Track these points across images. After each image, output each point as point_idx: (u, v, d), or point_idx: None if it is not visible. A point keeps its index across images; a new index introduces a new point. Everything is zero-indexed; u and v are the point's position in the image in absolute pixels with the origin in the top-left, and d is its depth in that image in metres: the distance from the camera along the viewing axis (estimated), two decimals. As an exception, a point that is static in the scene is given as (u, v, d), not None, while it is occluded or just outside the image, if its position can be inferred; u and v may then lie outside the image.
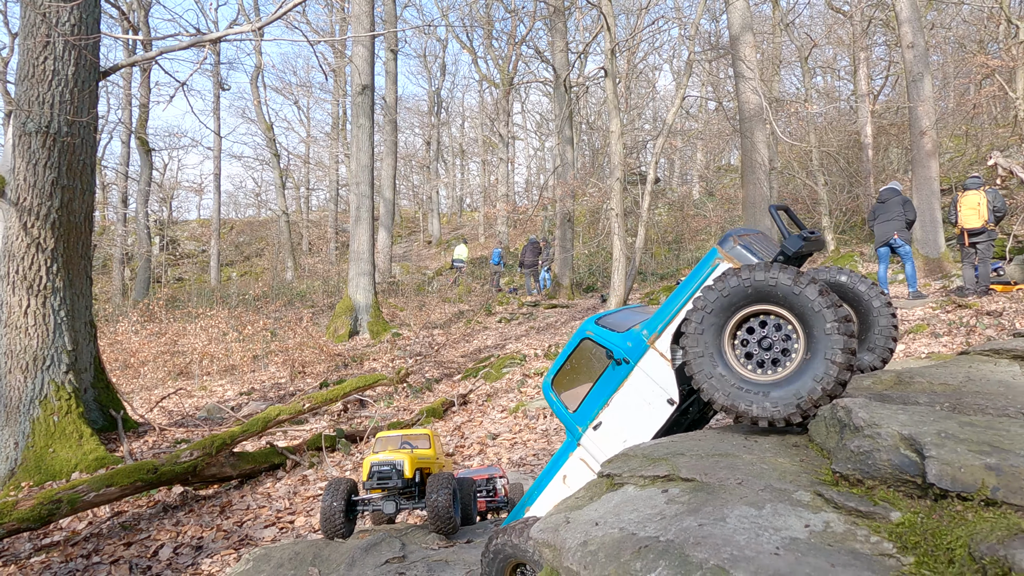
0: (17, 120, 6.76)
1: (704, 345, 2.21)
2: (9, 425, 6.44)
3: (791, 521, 1.56)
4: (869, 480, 1.66)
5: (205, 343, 13.51)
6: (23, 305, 6.69)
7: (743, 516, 1.61)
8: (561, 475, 2.76)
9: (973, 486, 1.46)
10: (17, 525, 4.56)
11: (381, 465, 4.18)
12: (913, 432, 1.64)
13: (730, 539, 1.51)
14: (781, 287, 2.08)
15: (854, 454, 1.71)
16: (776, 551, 1.44)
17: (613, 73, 14.14)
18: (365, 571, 3.23)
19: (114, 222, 28.05)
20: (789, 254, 2.39)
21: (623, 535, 1.71)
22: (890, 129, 21.41)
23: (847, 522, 1.54)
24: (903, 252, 10.19)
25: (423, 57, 37.69)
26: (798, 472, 1.83)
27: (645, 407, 2.50)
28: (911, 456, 1.60)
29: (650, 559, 1.55)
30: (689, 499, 1.79)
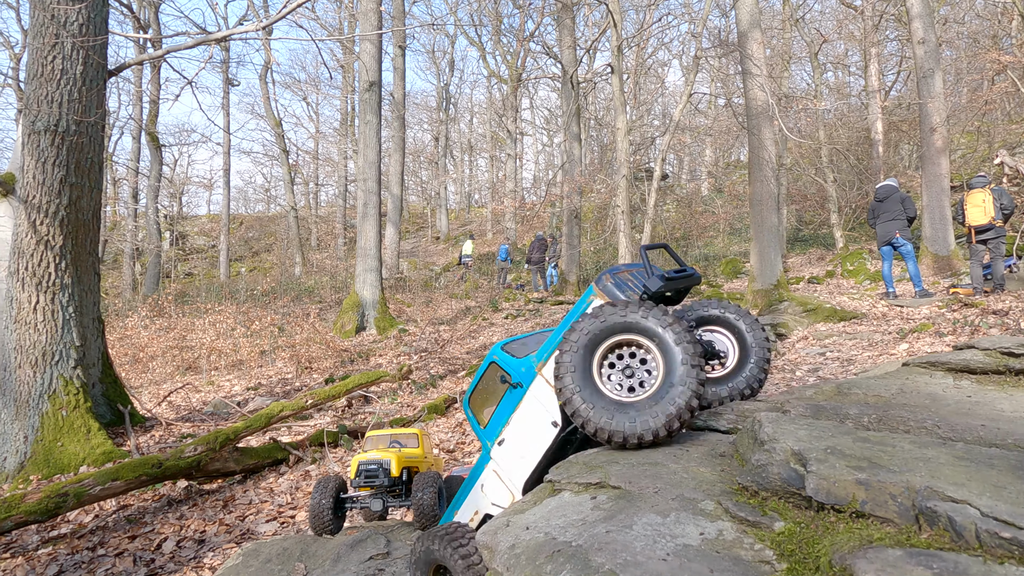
0: (27, 119, 6.85)
1: (572, 369, 2.39)
2: (19, 419, 6.54)
3: (689, 529, 1.68)
4: (763, 492, 1.77)
5: (213, 338, 13.63)
6: (32, 301, 6.79)
7: (648, 524, 1.72)
8: (479, 484, 3.03)
9: (845, 499, 1.58)
10: (25, 517, 4.65)
11: (368, 464, 4.30)
12: (803, 448, 1.75)
13: (629, 545, 1.63)
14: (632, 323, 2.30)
15: (754, 467, 1.83)
16: (665, 557, 1.55)
17: (620, 69, 14.11)
18: (349, 567, 3.29)
19: (125, 217, 28.31)
20: (649, 292, 2.56)
21: (546, 539, 1.83)
22: (901, 125, 21.23)
23: (738, 531, 1.64)
24: (905, 251, 10.16)
25: (431, 53, 37.73)
26: (714, 482, 1.93)
27: (536, 428, 2.70)
28: (799, 470, 1.71)
29: (559, 562, 1.67)
30: (611, 506, 1.90)
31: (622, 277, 2.66)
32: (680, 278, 2.62)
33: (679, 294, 2.76)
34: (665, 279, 2.56)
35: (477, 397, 3.05)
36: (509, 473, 2.82)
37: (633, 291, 2.61)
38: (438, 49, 38.16)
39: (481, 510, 3.03)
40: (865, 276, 14.04)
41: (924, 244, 13.12)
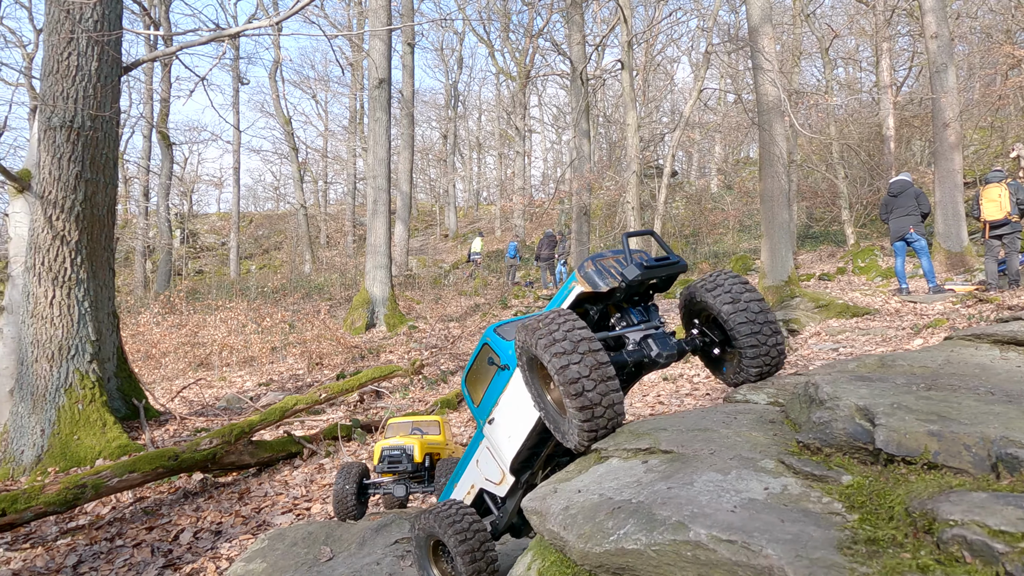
0: (42, 115, 6.90)
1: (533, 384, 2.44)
2: (36, 413, 6.61)
3: (752, 485, 1.69)
4: (827, 448, 1.77)
5: (225, 335, 13.71)
6: (48, 296, 6.85)
7: (709, 481, 1.74)
8: (475, 459, 3.10)
9: (917, 451, 1.58)
10: (44, 508, 4.70)
11: (391, 450, 4.32)
12: (868, 403, 1.75)
13: (693, 499, 1.66)
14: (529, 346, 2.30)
15: (816, 425, 1.83)
16: (733, 509, 1.57)
17: (630, 66, 14.08)
18: (375, 550, 3.31)
19: (136, 215, 28.50)
20: (627, 282, 2.48)
21: (601, 500, 1.86)
22: (913, 121, 21.07)
23: (803, 485, 1.66)
24: (918, 247, 10.08)
25: (440, 50, 37.76)
26: (769, 444, 1.95)
27: (520, 409, 2.72)
28: (864, 425, 1.72)
29: (621, 518, 1.70)
30: (665, 468, 1.92)
31: (605, 264, 2.58)
32: (661, 266, 2.54)
33: (665, 282, 2.67)
34: (644, 267, 2.49)
35: (473, 376, 3.07)
36: (500, 451, 2.89)
37: (614, 278, 2.53)
38: (447, 46, 38.22)
39: (477, 484, 3.12)
40: (877, 273, 13.95)
41: (937, 240, 13.03)
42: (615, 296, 2.60)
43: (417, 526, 2.91)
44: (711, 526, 1.50)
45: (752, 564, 1.38)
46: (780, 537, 1.42)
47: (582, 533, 1.77)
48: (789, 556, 1.35)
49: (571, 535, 1.80)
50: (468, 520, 2.74)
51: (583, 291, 2.56)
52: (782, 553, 1.36)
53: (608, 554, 1.66)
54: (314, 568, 3.27)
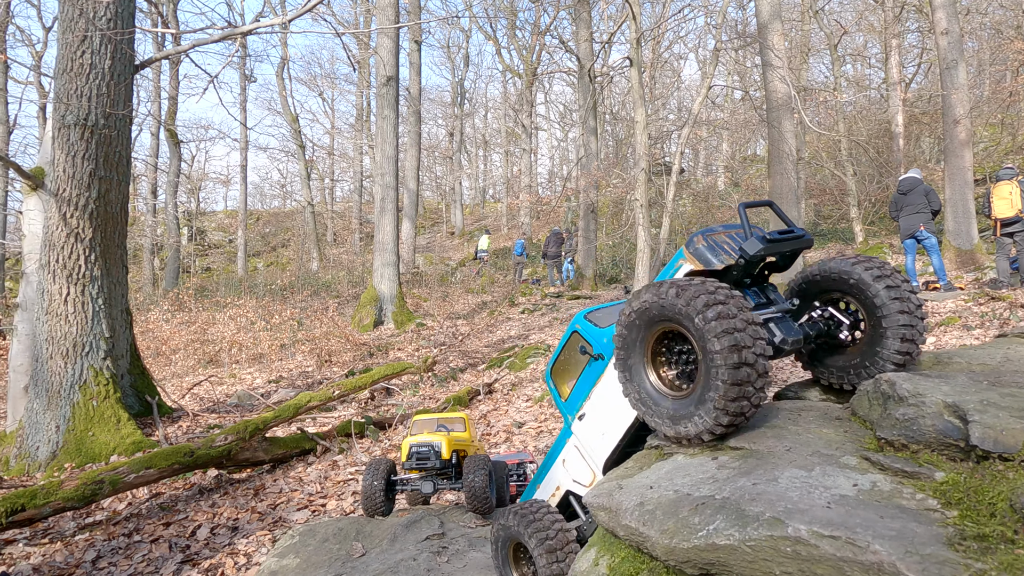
0: (57, 113, 6.94)
1: (628, 358, 2.21)
2: (51, 409, 6.66)
3: (840, 481, 1.67)
4: (914, 445, 1.75)
5: (234, 332, 13.76)
6: (63, 293, 6.90)
7: (793, 477, 1.71)
8: (561, 459, 2.89)
9: (1014, 447, 1.56)
10: (62, 504, 4.74)
11: (420, 446, 4.29)
12: (956, 400, 1.73)
13: (783, 495, 1.63)
14: (671, 305, 2.02)
15: (899, 421, 1.80)
16: (828, 505, 1.55)
17: (638, 62, 14.04)
18: (407, 546, 3.32)
19: (144, 213, 28.60)
20: (747, 257, 2.23)
21: (678, 496, 1.83)
22: (922, 118, 20.96)
23: (893, 482, 1.64)
24: (929, 244, 10.02)
25: (447, 48, 37.74)
26: (843, 441, 1.92)
27: (619, 403, 2.49)
28: (954, 422, 1.69)
29: (707, 514, 1.68)
30: (740, 464, 1.89)
31: (717, 239, 2.31)
32: (785, 240, 2.25)
33: (787, 259, 2.40)
34: (767, 240, 2.21)
35: (559, 368, 2.86)
36: (590, 450, 2.67)
37: (729, 255, 2.26)
38: (453, 44, 38.20)
39: (563, 486, 2.90)
40: (887, 270, 13.88)
41: (947, 238, 12.96)
42: (730, 275, 2.34)
43: (496, 526, 2.78)
44: (810, 522, 1.49)
45: (860, 560, 1.37)
46: (884, 533, 1.42)
47: (666, 529, 1.75)
48: (899, 552, 1.35)
49: (653, 531, 1.78)
50: (550, 519, 2.60)
51: (693, 270, 2.31)
52: (891, 549, 1.35)
53: (697, 550, 1.65)
54: (348, 564, 3.28)
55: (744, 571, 1.57)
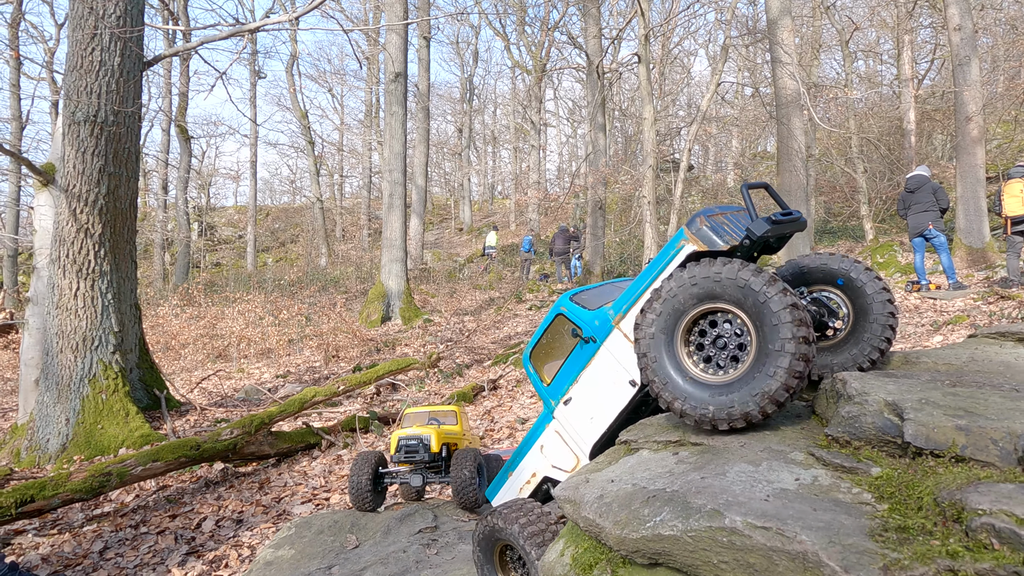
0: (67, 109, 7.01)
1: (655, 343, 2.17)
2: (61, 402, 6.74)
3: (783, 476, 1.76)
4: (856, 441, 1.85)
5: (242, 327, 13.87)
6: (73, 288, 6.98)
7: (741, 472, 1.81)
8: (539, 445, 2.86)
9: (944, 444, 1.65)
10: (71, 495, 4.81)
11: (408, 439, 4.28)
12: (897, 399, 1.82)
13: (727, 489, 1.73)
14: (728, 282, 2.01)
15: (844, 419, 1.90)
16: (766, 498, 1.64)
17: (647, 59, 14.01)
18: (400, 538, 3.36)
19: (155, 208, 28.82)
20: (754, 238, 2.26)
21: (635, 488, 1.92)
22: (934, 115, 20.76)
23: (833, 476, 1.73)
24: (937, 243, 9.96)
25: (456, 44, 37.72)
26: (797, 438, 2.01)
27: (610, 387, 2.50)
28: (893, 419, 1.78)
29: (656, 506, 1.78)
30: (696, 459, 1.98)
31: (717, 220, 2.33)
32: (787, 222, 2.30)
33: (779, 241, 2.45)
34: (773, 222, 2.24)
35: (540, 352, 2.80)
36: (575, 434, 2.64)
37: (732, 236, 2.29)
38: (462, 40, 38.18)
39: (540, 472, 2.87)
40: (896, 269, 13.80)
41: (958, 236, 12.86)
42: (733, 256, 2.35)
43: (480, 529, 2.62)
44: (746, 513, 1.57)
45: (787, 549, 1.45)
46: (813, 524, 1.49)
47: (618, 520, 1.83)
48: (823, 542, 1.42)
49: (607, 522, 1.86)
50: (544, 520, 2.47)
51: (696, 250, 2.30)
52: (816, 539, 1.43)
53: (644, 540, 1.73)
54: (341, 555, 3.32)
55: (687, 560, 1.65)
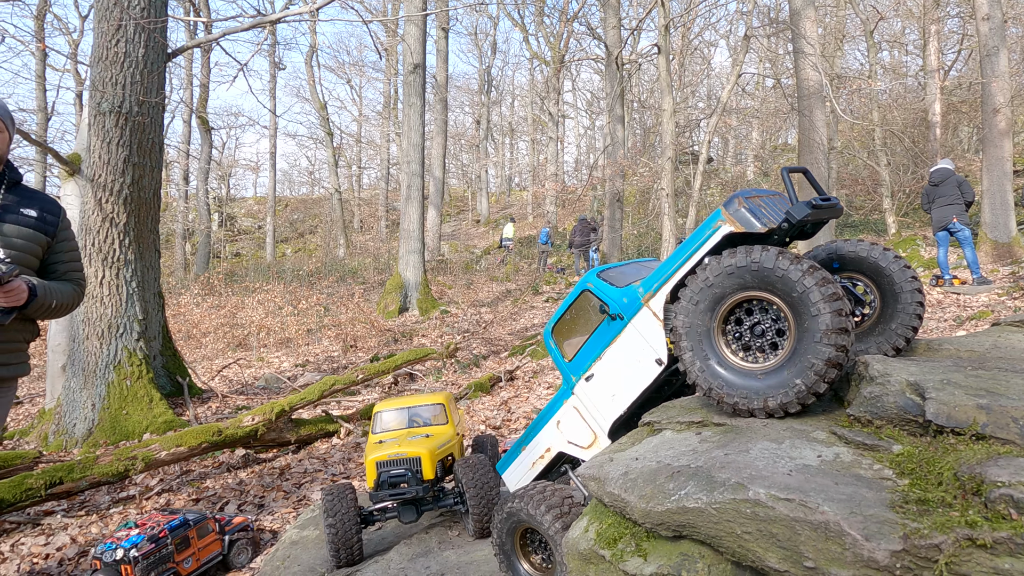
0: (92, 100, 7.12)
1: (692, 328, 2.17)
2: (87, 388, 6.89)
3: (806, 452, 1.81)
4: (878, 421, 1.89)
5: (262, 316, 14.03)
6: (99, 276, 7.11)
7: (764, 449, 1.86)
8: (555, 420, 2.85)
9: (965, 422, 1.68)
10: (98, 478, 4.92)
11: (390, 468, 3.34)
12: (919, 379, 1.86)
13: (751, 464, 1.78)
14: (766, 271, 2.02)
15: (866, 399, 1.94)
16: (789, 473, 1.69)
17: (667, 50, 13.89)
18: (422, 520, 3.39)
19: (176, 199, 29.17)
20: (793, 222, 2.25)
21: (659, 465, 1.98)
22: (960, 107, 20.37)
23: (855, 454, 1.77)
24: (962, 236, 9.80)
25: (474, 35, 37.67)
26: (820, 418, 2.05)
27: (635, 364, 2.51)
28: (914, 399, 1.82)
29: (681, 480, 1.83)
30: (719, 438, 2.03)
31: (755, 203, 2.30)
32: (825, 207, 2.27)
33: (815, 227, 2.43)
34: (813, 206, 2.22)
35: (563, 327, 2.79)
36: (595, 411, 2.64)
37: (770, 219, 2.28)
38: (480, 31, 38.10)
39: (554, 447, 2.85)
40: (919, 263, 13.60)
41: (983, 230, 12.64)
42: (770, 239, 2.35)
43: (501, 512, 2.61)
44: (769, 486, 1.62)
45: (809, 520, 1.49)
46: (835, 496, 1.53)
47: (643, 494, 1.88)
48: (844, 512, 1.47)
49: (633, 496, 1.92)
50: (567, 503, 2.45)
51: (732, 232, 2.28)
52: (838, 510, 1.48)
53: (669, 512, 1.79)
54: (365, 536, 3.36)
55: (710, 531, 1.70)
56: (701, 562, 1.77)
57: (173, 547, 3.65)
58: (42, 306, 2.72)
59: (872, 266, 2.43)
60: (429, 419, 3.81)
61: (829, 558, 1.44)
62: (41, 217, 2.81)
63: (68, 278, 2.95)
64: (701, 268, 2.19)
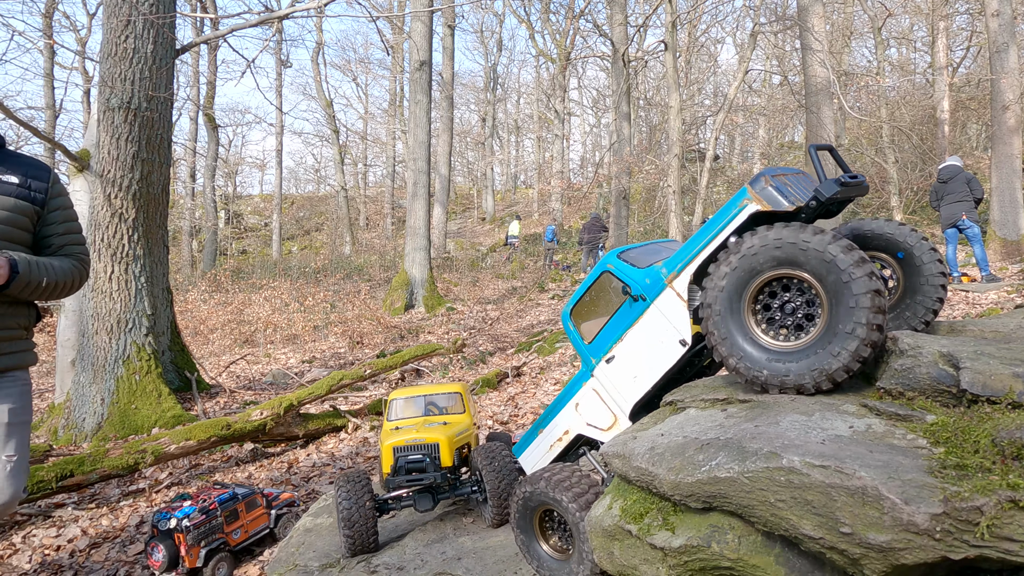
0: (102, 96, 7.15)
1: (722, 308, 2.17)
2: (96, 382, 6.93)
3: (837, 424, 1.80)
4: (909, 392, 1.89)
5: (269, 313, 14.08)
6: (108, 271, 7.15)
7: (794, 421, 1.86)
8: (574, 403, 2.85)
9: (1001, 391, 1.68)
10: (108, 471, 4.95)
11: (409, 453, 3.27)
12: (951, 350, 1.86)
13: (782, 435, 1.77)
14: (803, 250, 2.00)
15: (897, 372, 1.94)
16: (822, 442, 1.69)
17: (673, 46, 13.85)
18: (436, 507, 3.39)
19: (183, 196, 29.27)
20: (822, 199, 2.23)
21: (686, 440, 1.97)
22: (969, 103, 20.26)
23: (887, 424, 1.77)
24: (971, 234, 9.74)
25: (480, 32, 37.63)
26: (847, 393, 2.05)
27: (657, 346, 2.50)
28: (948, 369, 1.82)
29: (711, 452, 1.83)
30: (747, 413, 2.03)
31: (781, 181, 2.29)
32: (853, 185, 2.26)
33: (839, 206, 2.41)
34: (841, 184, 2.20)
35: (581, 310, 2.78)
36: (616, 393, 2.64)
37: (798, 197, 2.26)
38: (487, 28, 38.05)
39: (573, 430, 2.85)
40: (927, 260, 13.53)
41: (992, 228, 12.58)
42: (796, 218, 2.32)
43: (520, 493, 2.63)
44: (803, 454, 1.61)
45: (846, 485, 1.49)
46: (871, 463, 1.53)
47: (672, 466, 1.88)
48: (882, 478, 1.47)
49: (661, 469, 1.92)
50: (587, 482, 2.47)
51: (758, 210, 2.26)
52: (875, 475, 1.48)
53: (700, 483, 1.79)
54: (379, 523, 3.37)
55: (742, 501, 1.70)
56: (731, 533, 1.78)
57: (223, 519, 3.91)
58: (28, 284, 2.40)
59: (895, 244, 2.43)
60: (446, 407, 3.76)
61: (867, 523, 1.44)
62: (25, 183, 2.50)
63: (66, 252, 2.63)
64: (733, 244, 2.18)
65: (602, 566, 2.17)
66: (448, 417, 3.67)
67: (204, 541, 3.77)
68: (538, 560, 2.64)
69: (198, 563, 3.72)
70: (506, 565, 2.81)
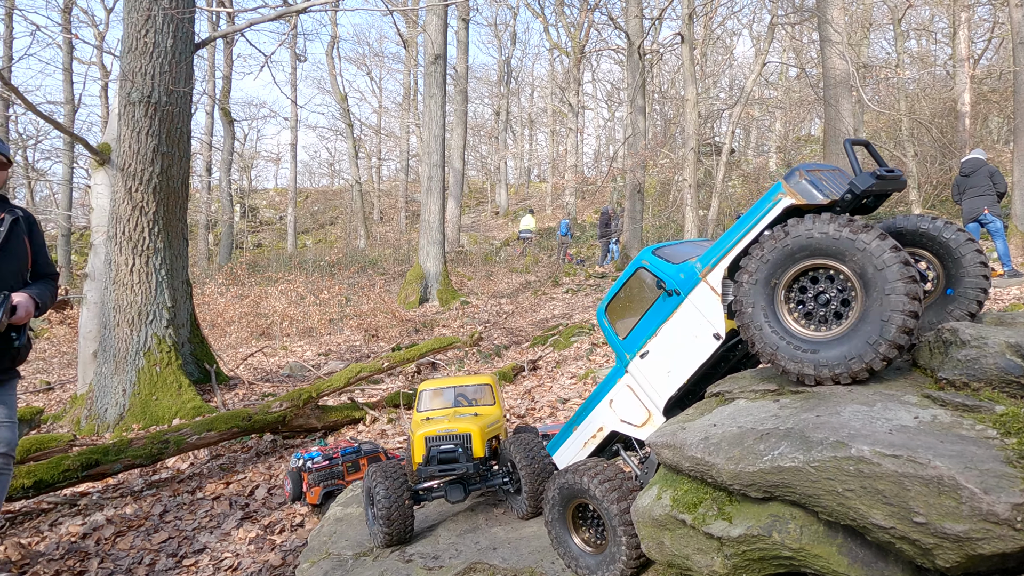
0: (122, 90, 7.22)
1: (756, 299, 2.18)
2: (118, 374, 7.02)
3: (901, 414, 1.78)
4: (975, 383, 1.87)
5: (285, 306, 14.17)
6: (129, 264, 7.23)
7: (856, 411, 1.83)
8: (608, 399, 2.86)
9: None
10: (131, 460, 5.03)
11: (442, 443, 3.26)
12: (1020, 341, 1.84)
13: (846, 424, 1.74)
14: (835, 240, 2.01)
15: (960, 362, 1.92)
16: (889, 432, 1.66)
17: (690, 39, 13.74)
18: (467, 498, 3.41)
19: (199, 190, 29.51)
20: (857, 192, 2.23)
21: (742, 430, 1.94)
22: (991, 96, 19.94)
23: (953, 415, 1.74)
24: (993, 228, 9.59)
25: (494, 26, 37.54)
26: (904, 385, 2.02)
27: (692, 340, 2.51)
28: (1016, 360, 1.81)
29: (772, 442, 1.80)
30: (802, 404, 1.99)
31: (816, 175, 2.29)
32: (890, 178, 2.25)
33: (877, 200, 2.41)
34: (877, 177, 2.19)
35: (617, 306, 2.81)
36: (650, 389, 2.67)
37: (832, 191, 2.27)
38: (501, 22, 37.98)
39: (607, 426, 2.88)
40: (947, 255, 13.37)
41: (1014, 222, 12.39)
42: (831, 212, 2.31)
43: (555, 487, 2.67)
44: (873, 443, 1.59)
45: (920, 475, 1.47)
46: (944, 453, 1.51)
47: (731, 456, 1.86)
48: (959, 467, 1.44)
49: (719, 459, 1.89)
50: (621, 477, 2.49)
51: (793, 204, 2.27)
52: (951, 465, 1.45)
53: (762, 472, 1.77)
54: None
55: (807, 490, 1.68)
56: (793, 523, 1.76)
57: (344, 468, 4.51)
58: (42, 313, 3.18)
59: (932, 239, 2.40)
60: (475, 399, 3.74)
61: (942, 513, 1.42)
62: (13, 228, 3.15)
63: (46, 272, 3.36)
64: (768, 235, 2.19)
65: (650, 556, 2.18)
66: (479, 408, 3.67)
67: (324, 484, 4.37)
68: (570, 554, 2.66)
69: (317, 501, 4.34)
70: (542, 555, 2.83)
